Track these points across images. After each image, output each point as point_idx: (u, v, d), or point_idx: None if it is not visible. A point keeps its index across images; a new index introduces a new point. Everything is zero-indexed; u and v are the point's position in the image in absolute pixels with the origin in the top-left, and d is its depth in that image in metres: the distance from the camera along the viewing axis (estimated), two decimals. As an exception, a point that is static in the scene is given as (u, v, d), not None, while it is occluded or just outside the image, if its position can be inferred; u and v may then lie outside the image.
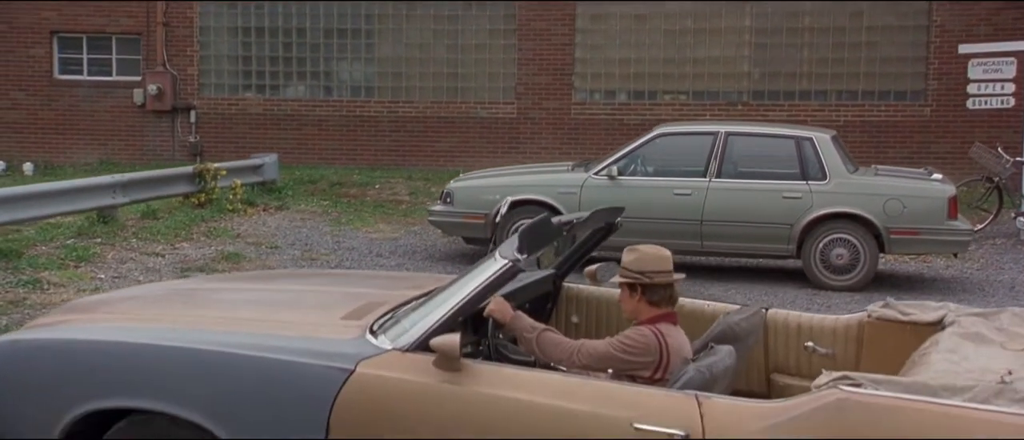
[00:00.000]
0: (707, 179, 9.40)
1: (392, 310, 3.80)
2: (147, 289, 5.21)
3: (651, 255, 3.75)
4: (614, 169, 9.54)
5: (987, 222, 12.26)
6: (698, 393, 3.17)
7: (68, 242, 9.90)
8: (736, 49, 16.39)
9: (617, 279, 3.78)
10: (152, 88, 17.26)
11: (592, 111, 16.73)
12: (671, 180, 9.43)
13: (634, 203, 8.57)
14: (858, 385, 3.01)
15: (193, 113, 17.55)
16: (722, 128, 9.71)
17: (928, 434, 2.89)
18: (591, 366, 3.63)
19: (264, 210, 12.91)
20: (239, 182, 12.83)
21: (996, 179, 12.40)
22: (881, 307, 4.17)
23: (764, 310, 4.30)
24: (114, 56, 17.83)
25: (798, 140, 9.40)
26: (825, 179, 9.18)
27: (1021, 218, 11.81)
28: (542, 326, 3.76)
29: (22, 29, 17.78)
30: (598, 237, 4.66)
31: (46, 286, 8.19)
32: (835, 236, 9.10)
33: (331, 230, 11.84)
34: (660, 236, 8.03)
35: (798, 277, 9.33)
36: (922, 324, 4.00)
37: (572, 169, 10.17)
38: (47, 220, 10.62)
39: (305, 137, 17.33)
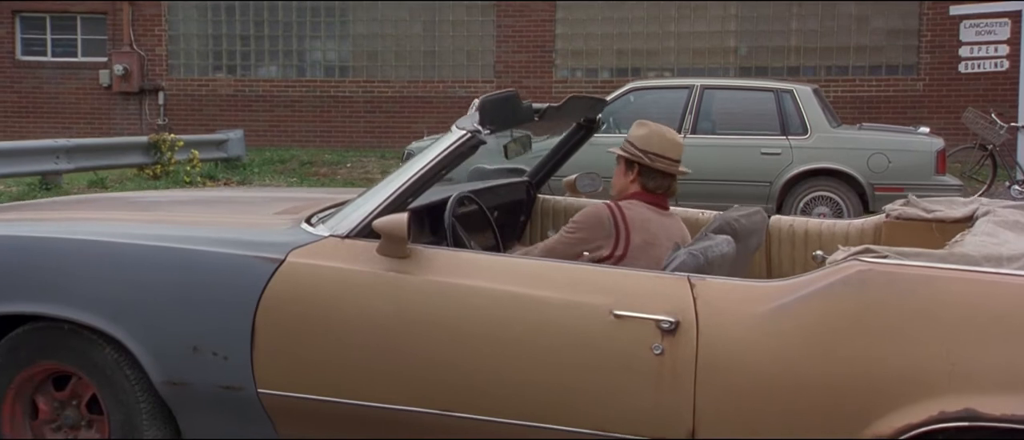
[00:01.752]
0: (682, 135, 8.87)
1: (335, 206, 3.30)
2: (60, 199, 4.71)
3: (663, 135, 3.33)
4: (584, 126, 9.02)
5: (981, 192, 11.69)
6: (691, 275, 2.68)
7: (4, 207, 9.35)
8: (722, 24, 15.86)
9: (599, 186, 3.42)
10: (119, 69, 16.69)
11: (574, 89, 16.16)
12: (643, 137, 8.89)
13: (605, 161, 8.02)
14: (883, 257, 2.52)
15: (161, 94, 16.98)
16: (698, 82, 9.25)
17: (972, 307, 2.40)
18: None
19: (225, 184, 12.36)
20: (197, 153, 12.28)
21: (990, 147, 11.87)
22: (902, 205, 3.68)
23: (767, 214, 3.81)
24: (79, 36, 17.26)
25: (778, 93, 8.93)
26: (806, 134, 8.71)
27: (1016, 187, 11.27)
28: None
29: (-16, 9, 17.26)
30: (576, 139, 4.15)
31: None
32: (817, 194, 8.70)
33: (292, 202, 11.29)
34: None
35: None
36: (949, 221, 3.48)
37: (540, 129, 9.65)
38: (-16, 186, 10.09)
39: (277, 118, 16.76)
